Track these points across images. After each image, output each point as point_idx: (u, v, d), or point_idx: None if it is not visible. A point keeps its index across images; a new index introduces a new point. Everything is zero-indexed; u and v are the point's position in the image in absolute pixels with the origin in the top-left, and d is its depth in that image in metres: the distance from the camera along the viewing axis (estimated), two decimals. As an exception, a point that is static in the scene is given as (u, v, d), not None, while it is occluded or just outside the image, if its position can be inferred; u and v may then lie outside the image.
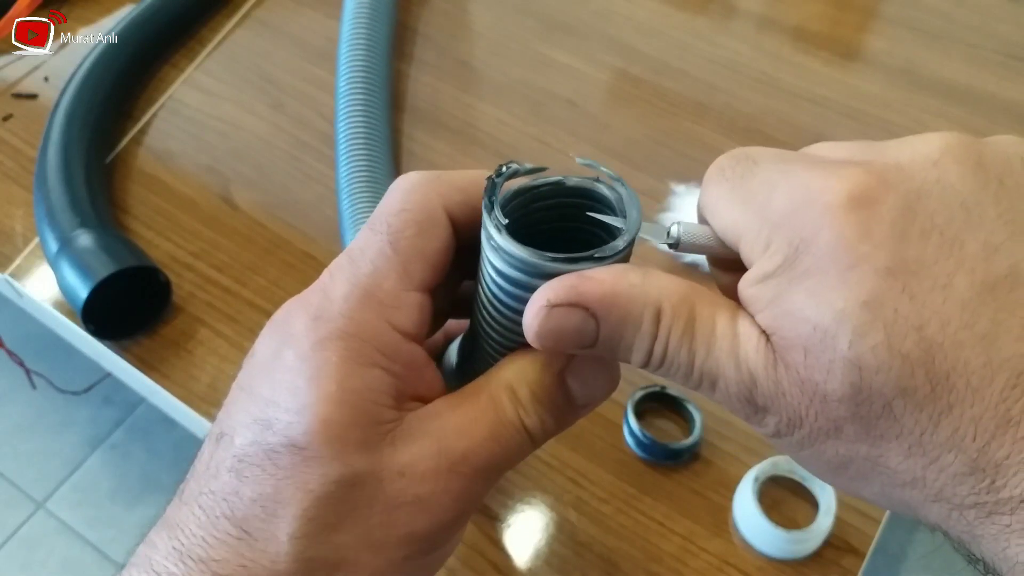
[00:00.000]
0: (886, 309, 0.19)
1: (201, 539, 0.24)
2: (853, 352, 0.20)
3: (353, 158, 0.63)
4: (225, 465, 0.24)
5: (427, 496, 0.24)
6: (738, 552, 0.50)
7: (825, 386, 0.20)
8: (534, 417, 0.25)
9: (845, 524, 0.50)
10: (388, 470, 0.24)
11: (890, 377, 0.19)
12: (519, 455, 0.25)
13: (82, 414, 1.34)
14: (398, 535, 0.24)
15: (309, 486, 0.23)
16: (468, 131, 0.71)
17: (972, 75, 0.73)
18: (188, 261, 0.63)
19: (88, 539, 1.25)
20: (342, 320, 0.24)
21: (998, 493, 0.19)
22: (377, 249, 0.25)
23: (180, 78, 0.75)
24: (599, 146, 0.69)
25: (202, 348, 0.59)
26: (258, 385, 0.25)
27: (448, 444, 0.24)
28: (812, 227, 0.20)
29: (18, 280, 0.63)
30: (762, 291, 0.21)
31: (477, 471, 0.24)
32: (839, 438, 0.21)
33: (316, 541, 0.23)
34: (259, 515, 0.23)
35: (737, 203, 0.23)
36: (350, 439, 0.23)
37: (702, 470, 0.52)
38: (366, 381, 0.24)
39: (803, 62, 0.75)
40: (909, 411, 0.20)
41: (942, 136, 0.21)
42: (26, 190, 0.67)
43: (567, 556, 0.49)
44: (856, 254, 0.20)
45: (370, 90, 0.68)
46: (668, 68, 0.75)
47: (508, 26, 0.79)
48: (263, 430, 0.24)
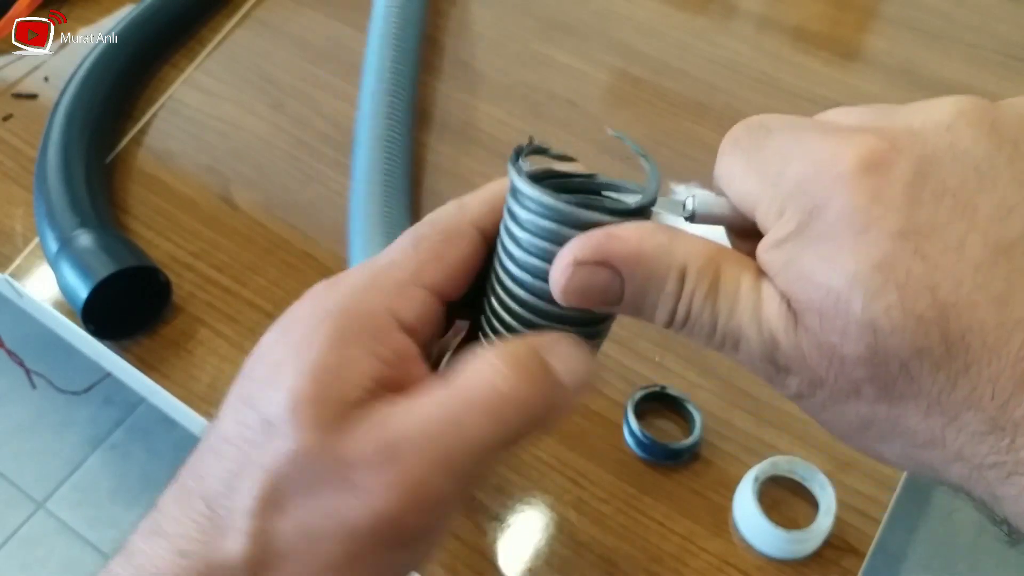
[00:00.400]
0: (898, 271, 0.19)
1: (174, 517, 0.24)
2: (867, 314, 0.20)
3: (373, 173, 0.63)
4: (208, 445, 0.25)
5: (366, 486, 0.22)
6: (738, 552, 0.50)
7: (842, 348, 0.20)
8: (511, 378, 0.23)
9: (845, 524, 0.50)
10: (334, 454, 0.23)
11: (905, 338, 0.20)
12: (497, 431, 0.23)
13: (82, 414, 1.34)
14: (338, 527, 0.23)
15: (264, 461, 0.23)
16: (468, 131, 0.71)
17: (972, 75, 0.73)
18: (188, 261, 0.63)
19: (88, 539, 1.25)
20: (342, 300, 0.25)
21: (1018, 453, 0.19)
22: (399, 248, 0.26)
23: (180, 78, 0.75)
24: (599, 146, 0.69)
25: (202, 348, 0.59)
26: (251, 368, 0.25)
27: (402, 433, 0.23)
28: (825, 193, 0.21)
29: (18, 280, 0.63)
30: (777, 256, 0.22)
31: (433, 461, 0.23)
32: (859, 399, 0.21)
33: (266, 521, 0.23)
34: (223, 491, 0.23)
35: (752, 172, 0.23)
36: (309, 415, 0.23)
37: (702, 470, 0.52)
38: (345, 358, 0.23)
39: (803, 62, 0.75)
40: (926, 371, 0.20)
41: (956, 100, 0.21)
42: (26, 190, 0.67)
43: (567, 556, 0.49)
44: (868, 218, 0.20)
45: (394, 107, 0.67)
46: (668, 68, 0.75)
47: (508, 26, 0.79)
48: (244, 407, 0.24)
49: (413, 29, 0.73)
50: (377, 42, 0.71)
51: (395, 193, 0.62)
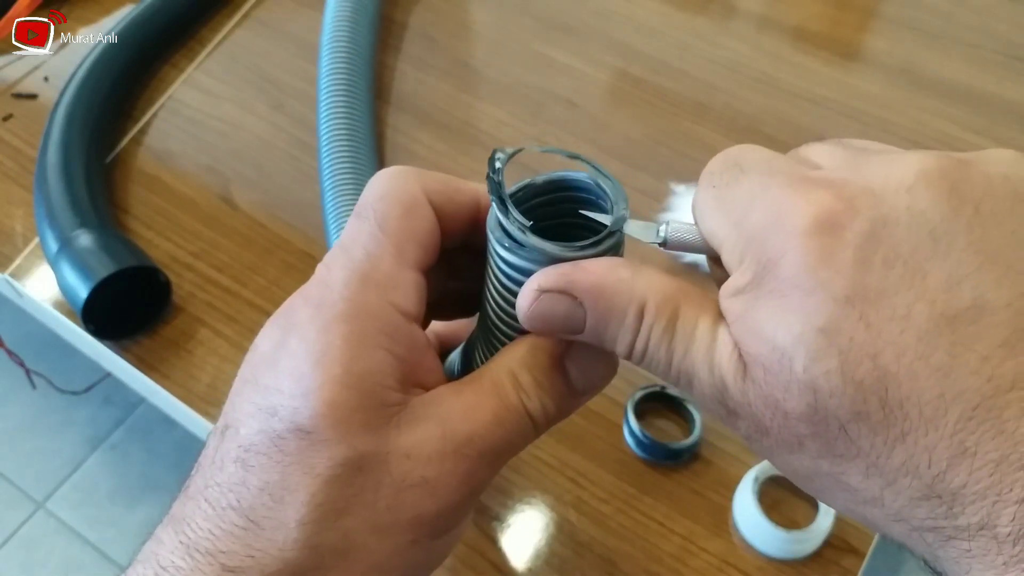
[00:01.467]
0: (842, 336, 0.20)
1: (208, 532, 0.24)
2: (808, 376, 0.20)
3: (336, 154, 0.64)
4: (230, 456, 0.24)
5: (433, 478, 0.24)
6: (738, 552, 0.50)
7: (785, 404, 0.21)
8: (536, 401, 0.25)
9: (845, 524, 0.50)
10: (394, 452, 0.24)
11: (843, 402, 0.20)
12: (522, 440, 0.26)
13: (82, 414, 1.34)
14: (405, 518, 0.24)
15: (316, 470, 0.23)
16: (468, 131, 0.71)
17: (972, 75, 0.73)
18: (188, 261, 0.63)
19: (88, 539, 1.25)
20: (344, 304, 0.25)
21: (956, 520, 0.19)
22: (368, 234, 0.26)
23: (180, 78, 0.75)
24: (599, 146, 0.69)
25: (202, 348, 0.59)
26: (262, 375, 0.25)
27: (453, 427, 0.24)
28: (779, 248, 0.21)
29: (18, 280, 0.63)
30: (733, 304, 0.22)
31: (482, 454, 0.24)
32: (802, 452, 0.21)
33: (324, 526, 0.23)
34: (266, 503, 0.23)
35: (720, 212, 0.23)
36: (356, 421, 0.23)
37: (702, 470, 0.52)
38: (371, 363, 0.24)
39: (803, 62, 0.75)
40: (864, 435, 0.20)
41: (923, 158, 0.21)
42: (26, 190, 0.67)
43: (567, 556, 0.49)
44: (816, 280, 0.20)
45: (352, 83, 0.68)
46: (668, 68, 0.75)
47: (508, 26, 0.79)
48: (268, 418, 0.24)
49: (368, 9, 0.73)
50: (331, 24, 0.71)
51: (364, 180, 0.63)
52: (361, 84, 0.68)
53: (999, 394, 0.19)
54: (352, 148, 0.64)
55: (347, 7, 0.72)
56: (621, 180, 0.27)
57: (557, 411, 0.26)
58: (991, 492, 0.19)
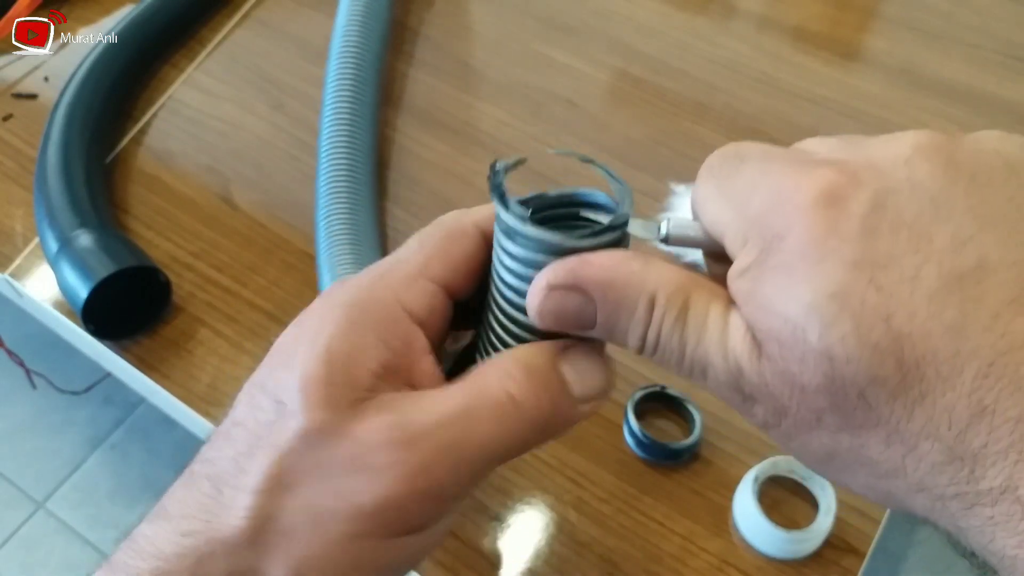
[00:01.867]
0: (853, 300, 0.20)
1: (180, 499, 0.25)
2: (823, 343, 0.20)
3: (335, 164, 0.63)
4: (221, 431, 0.25)
5: (378, 466, 0.23)
6: (738, 552, 0.50)
7: (801, 377, 0.21)
8: (525, 387, 0.25)
9: (845, 524, 0.50)
10: (347, 434, 0.23)
11: (860, 367, 0.20)
12: (502, 432, 0.24)
13: (82, 414, 1.34)
14: (343, 506, 0.23)
15: (277, 440, 0.24)
16: (468, 131, 0.71)
17: (972, 75, 0.73)
18: (188, 261, 0.63)
19: (88, 539, 1.25)
20: (352, 293, 0.26)
21: (978, 484, 0.19)
22: (405, 247, 0.27)
23: (180, 78, 0.75)
24: (599, 146, 0.69)
25: (202, 348, 0.59)
26: (268, 359, 0.26)
27: (411, 418, 0.24)
28: (784, 224, 0.21)
29: (18, 280, 0.63)
30: (740, 284, 0.22)
31: (440, 448, 0.24)
32: (822, 428, 0.21)
33: (272, 497, 0.23)
34: (231, 470, 0.24)
35: (721, 200, 0.23)
36: (321, 396, 0.24)
37: (702, 470, 0.52)
38: (354, 343, 0.24)
39: (803, 62, 0.75)
40: (883, 400, 0.20)
41: (916, 134, 0.22)
42: (26, 190, 0.67)
43: (567, 556, 0.49)
44: (824, 249, 0.20)
45: (358, 90, 0.67)
46: (668, 68, 0.75)
47: (508, 26, 0.79)
48: (258, 392, 0.25)
49: (380, 14, 0.73)
50: (342, 28, 0.71)
51: (360, 177, 0.63)
52: (367, 92, 0.68)
53: (1013, 350, 0.19)
54: (350, 163, 0.64)
55: (359, 10, 0.72)
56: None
57: (551, 406, 0.25)
58: (1012, 451, 0.19)
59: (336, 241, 0.58)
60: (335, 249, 0.57)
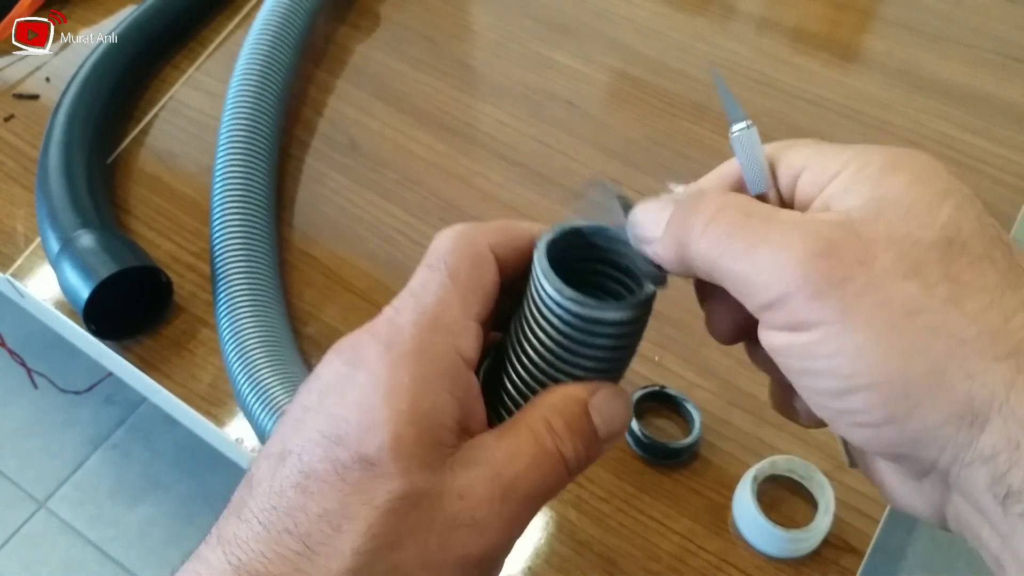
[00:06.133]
0: (972, 204, 0.23)
1: (260, 554, 0.24)
2: (951, 217, 0.22)
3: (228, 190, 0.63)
4: (290, 482, 0.25)
5: (483, 519, 0.25)
6: (737, 551, 0.50)
7: (918, 232, 0.22)
8: (569, 445, 0.26)
9: (844, 523, 0.50)
10: (448, 492, 0.24)
11: (982, 241, 0.22)
12: (558, 484, 0.27)
13: (83, 414, 1.34)
14: (454, 556, 0.24)
15: (376, 501, 0.24)
16: (468, 131, 0.71)
17: (971, 75, 0.74)
18: (190, 261, 0.63)
19: (89, 538, 1.25)
20: (412, 343, 0.25)
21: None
22: (439, 283, 0.27)
23: (181, 79, 0.76)
24: (599, 146, 0.69)
25: (203, 348, 0.59)
26: (328, 404, 0.25)
27: (500, 471, 0.25)
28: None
29: (20, 280, 0.63)
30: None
31: (524, 498, 0.25)
32: (917, 278, 0.22)
33: (377, 557, 0.24)
34: (324, 530, 0.24)
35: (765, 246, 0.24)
36: (416, 457, 0.24)
37: (701, 469, 0.53)
38: (435, 403, 0.25)
39: (802, 63, 0.75)
40: (990, 273, 0.22)
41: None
42: (28, 190, 0.68)
43: (567, 555, 0.50)
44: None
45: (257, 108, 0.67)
46: (667, 69, 0.75)
47: (508, 26, 0.79)
48: (333, 446, 0.24)
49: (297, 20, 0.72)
50: (256, 32, 0.70)
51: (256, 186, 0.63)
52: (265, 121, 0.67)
53: None
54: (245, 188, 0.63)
55: (274, 20, 0.71)
56: (621, 180, 0.27)
57: (587, 455, 0.27)
58: None
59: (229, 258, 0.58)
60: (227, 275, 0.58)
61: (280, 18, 0.70)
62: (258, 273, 0.58)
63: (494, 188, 0.67)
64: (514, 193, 0.66)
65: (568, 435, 0.26)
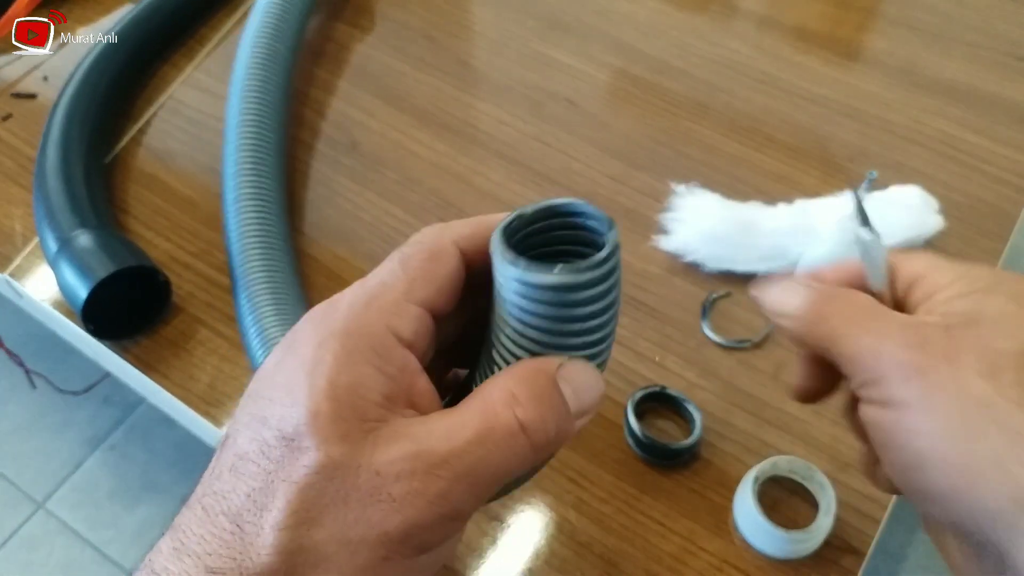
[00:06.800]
0: None
1: (200, 537, 0.25)
2: None
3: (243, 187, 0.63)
4: (227, 465, 0.25)
5: (400, 496, 0.24)
6: (738, 552, 0.49)
7: (1003, 343, 0.26)
8: (534, 414, 0.26)
9: (845, 524, 0.50)
10: (364, 467, 0.24)
11: None
12: (516, 460, 0.26)
13: (82, 414, 1.34)
14: (373, 534, 0.24)
15: (294, 477, 0.24)
16: (468, 131, 0.71)
17: (972, 75, 0.73)
18: (188, 261, 0.63)
19: (88, 539, 1.25)
20: (342, 322, 0.26)
21: None
22: (387, 270, 0.27)
23: (180, 78, 0.75)
24: (599, 146, 0.69)
25: (202, 348, 0.59)
26: (261, 388, 0.26)
27: (429, 447, 0.25)
28: None
29: (18, 280, 0.63)
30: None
31: (459, 476, 0.25)
32: (993, 379, 0.26)
33: (298, 533, 0.24)
34: (251, 508, 0.24)
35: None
36: (334, 431, 0.24)
37: (702, 470, 0.52)
38: (356, 377, 0.25)
39: (803, 62, 0.75)
40: None
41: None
42: (26, 190, 0.67)
43: (567, 556, 0.49)
44: None
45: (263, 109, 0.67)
46: (668, 68, 0.75)
47: (508, 26, 0.79)
48: (260, 426, 0.25)
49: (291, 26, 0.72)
50: (251, 38, 0.70)
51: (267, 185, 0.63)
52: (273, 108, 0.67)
53: None
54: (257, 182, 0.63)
55: (269, 22, 0.70)
56: (621, 180, 0.27)
57: (556, 430, 0.26)
58: None
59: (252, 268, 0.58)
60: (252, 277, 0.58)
61: (275, 18, 0.70)
62: (277, 271, 0.59)
63: (494, 187, 0.67)
64: (514, 192, 0.66)
65: (533, 404, 0.26)
